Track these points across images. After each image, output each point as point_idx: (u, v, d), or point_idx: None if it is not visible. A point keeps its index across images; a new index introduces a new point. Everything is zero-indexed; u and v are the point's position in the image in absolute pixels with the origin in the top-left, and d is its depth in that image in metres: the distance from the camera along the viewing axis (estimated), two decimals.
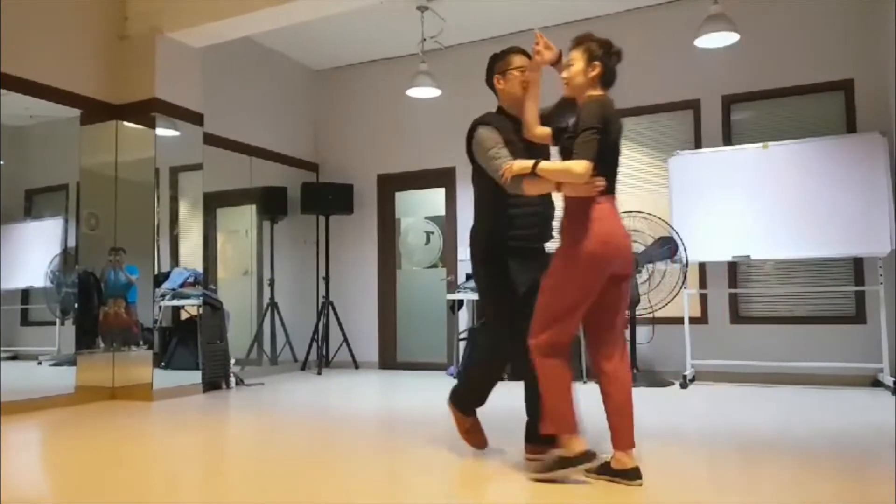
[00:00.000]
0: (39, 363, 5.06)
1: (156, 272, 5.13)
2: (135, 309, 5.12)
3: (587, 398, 2.85)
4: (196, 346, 5.33)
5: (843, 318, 5.32)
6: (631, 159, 6.08)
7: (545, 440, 2.59)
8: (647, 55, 6.01)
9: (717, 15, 4.91)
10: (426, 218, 7.28)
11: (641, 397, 4.70)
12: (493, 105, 2.90)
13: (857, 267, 5.27)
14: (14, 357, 4.92)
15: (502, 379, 2.88)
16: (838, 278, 5.35)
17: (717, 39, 5.03)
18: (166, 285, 5.24)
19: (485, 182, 2.75)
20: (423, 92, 6.15)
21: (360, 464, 2.91)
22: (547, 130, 2.73)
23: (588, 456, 2.43)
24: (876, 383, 5.05)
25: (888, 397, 4.53)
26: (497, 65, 2.89)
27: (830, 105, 5.45)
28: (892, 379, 4.75)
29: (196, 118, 5.41)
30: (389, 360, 7.09)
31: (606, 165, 2.46)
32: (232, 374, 5.61)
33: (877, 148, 4.92)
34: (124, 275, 5.13)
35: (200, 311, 5.41)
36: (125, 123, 5.19)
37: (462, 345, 6.26)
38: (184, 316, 5.46)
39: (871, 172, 4.90)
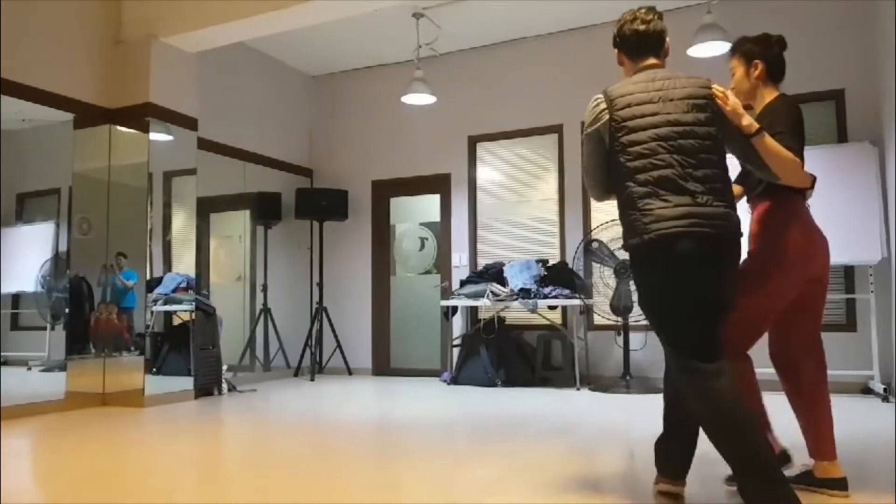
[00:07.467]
0: (29, 369, 5.03)
1: (148, 277, 5.11)
2: (131, 314, 5.10)
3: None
4: (188, 351, 5.31)
5: (833, 325, 5.34)
6: None
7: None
8: None
9: (710, 24, 4.95)
10: (421, 224, 7.29)
11: (635, 404, 4.72)
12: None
13: (847, 275, 5.30)
14: (4, 362, 4.88)
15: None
16: (829, 286, 5.36)
17: (710, 49, 5.07)
18: (159, 290, 5.22)
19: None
20: (418, 98, 6.16)
21: (354, 470, 2.91)
22: None
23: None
24: (866, 391, 5.08)
25: (879, 405, 4.55)
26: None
27: (822, 114, 5.49)
28: (883, 386, 4.78)
29: (190, 123, 5.41)
30: (383, 366, 7.08)
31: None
32: (224, 381, 5.58)
33: (867, 157, 4.96)
34: (119, 280, 5.11)
35: (193, 316, 5.38)
36: (119, 128, 5.19)
37: (455, 351, 6.26)
38: (176, 321, 5.43)
39: (862, 181, 4.94)
